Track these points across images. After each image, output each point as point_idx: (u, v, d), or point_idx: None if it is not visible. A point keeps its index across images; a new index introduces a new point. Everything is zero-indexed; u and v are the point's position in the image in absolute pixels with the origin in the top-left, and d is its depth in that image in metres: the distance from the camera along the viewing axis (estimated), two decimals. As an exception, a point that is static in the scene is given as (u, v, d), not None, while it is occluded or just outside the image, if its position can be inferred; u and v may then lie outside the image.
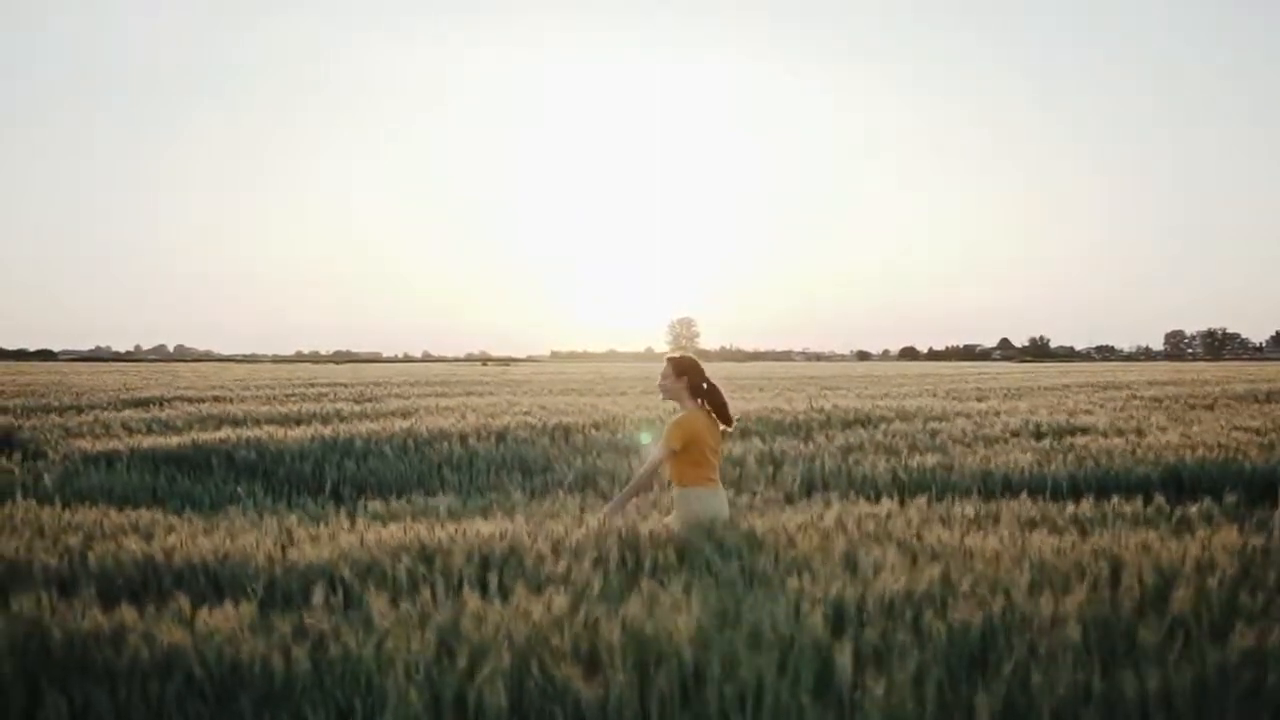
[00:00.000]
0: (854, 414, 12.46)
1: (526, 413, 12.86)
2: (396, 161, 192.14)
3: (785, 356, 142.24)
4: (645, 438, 10.00)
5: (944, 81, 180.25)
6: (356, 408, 15.04)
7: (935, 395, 18.85)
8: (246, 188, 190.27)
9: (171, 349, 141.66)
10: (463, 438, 10.25)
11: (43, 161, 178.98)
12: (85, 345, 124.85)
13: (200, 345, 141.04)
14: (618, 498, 5.43)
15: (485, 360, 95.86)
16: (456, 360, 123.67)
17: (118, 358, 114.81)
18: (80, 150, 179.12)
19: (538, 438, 10.41)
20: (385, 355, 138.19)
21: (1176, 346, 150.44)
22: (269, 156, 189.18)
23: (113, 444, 10.25)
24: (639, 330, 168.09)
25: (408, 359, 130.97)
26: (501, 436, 10.42)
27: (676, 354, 5.37)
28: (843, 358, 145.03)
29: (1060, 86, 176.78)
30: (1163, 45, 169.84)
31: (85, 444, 10.39)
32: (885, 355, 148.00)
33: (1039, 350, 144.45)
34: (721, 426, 5.37)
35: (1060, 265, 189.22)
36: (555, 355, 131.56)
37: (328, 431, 10.50)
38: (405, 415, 13.30)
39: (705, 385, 5.29)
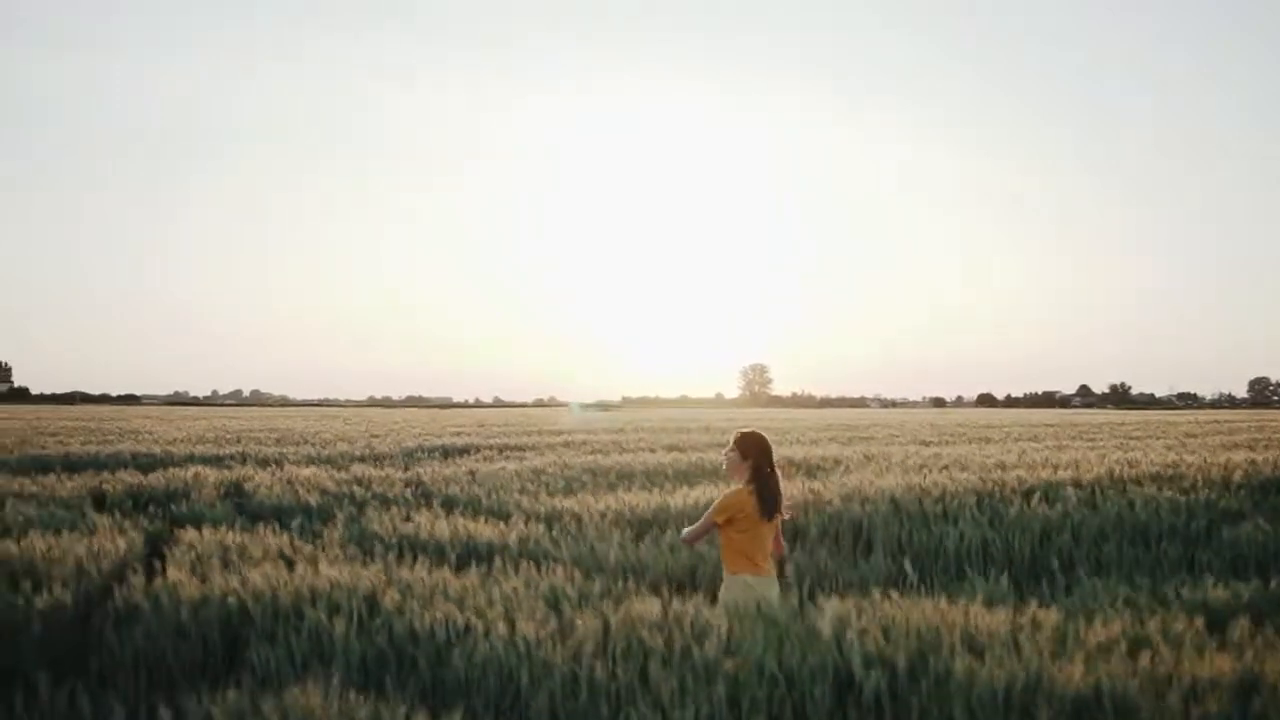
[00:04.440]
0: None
1: (1002, 466, 11.15)
2: (455, 206, 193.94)
3: (859, 403, 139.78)
4: None
5: (1016, 128, 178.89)
6: (690, 456, 13.57)
7: (1241, 447, 16.21)
8: (315, 236, 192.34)
9: (247, 394, 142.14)
10: (982, 495, 8.65)
11: (120, 214, 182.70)
12: (163, 391, 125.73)
13: (274, 391, 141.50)
14: (689, 530, 4.99)
15: (580, 406, 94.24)
16: (526, 405, 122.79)
17: (197, 403, 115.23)
18: (154, 203, 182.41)
19: (1010, 497, 8.68)
20: (456, 400, 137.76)
21: (1261, 394, 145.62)
22: (339, 205, 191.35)
23: (567, 504, 8.82)
24: (709, 376, 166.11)
25: (479, 404, 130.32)
26: (987, 498, 8.74)
27: (748, 429, 4.99)
28: (916, 404, 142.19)
29: (1137, 129, 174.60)
30: (1236, 82, 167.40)
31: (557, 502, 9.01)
32: (960, 402, 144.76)
33: (1120, 397, 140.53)
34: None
35: (1137, 309, 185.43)
36: (627, 401, 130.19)
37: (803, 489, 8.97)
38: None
39: (767, 469, 4.81)
